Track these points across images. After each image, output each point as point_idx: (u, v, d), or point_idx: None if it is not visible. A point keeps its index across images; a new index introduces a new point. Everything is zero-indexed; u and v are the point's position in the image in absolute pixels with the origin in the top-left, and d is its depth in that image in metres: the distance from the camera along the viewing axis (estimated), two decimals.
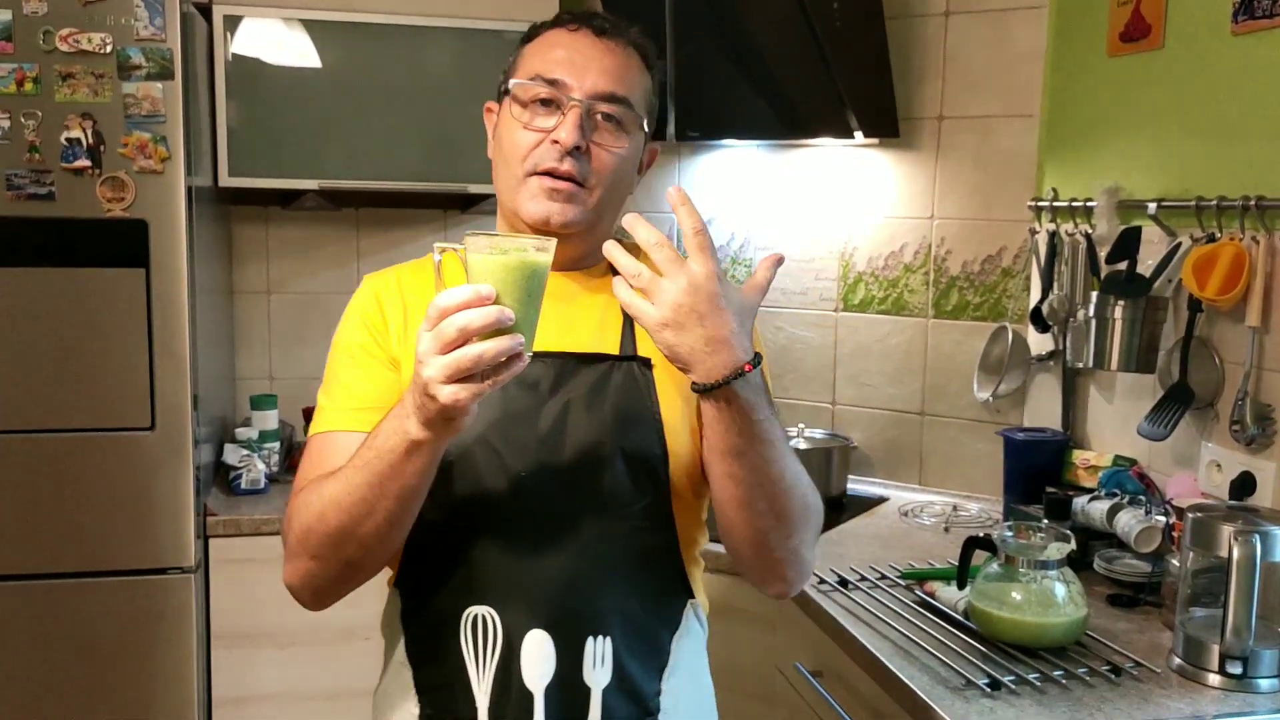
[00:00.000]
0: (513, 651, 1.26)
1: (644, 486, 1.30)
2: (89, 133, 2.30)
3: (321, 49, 2.75)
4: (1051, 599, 1.75)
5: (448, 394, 1.03)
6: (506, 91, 1.36)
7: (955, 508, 2.69)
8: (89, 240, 2.33)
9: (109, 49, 2.29)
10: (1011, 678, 1.66)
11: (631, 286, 1.12)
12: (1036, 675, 1.67)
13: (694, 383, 1.14)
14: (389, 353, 1.34)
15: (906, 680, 1.68)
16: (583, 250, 1.37)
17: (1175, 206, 2.18)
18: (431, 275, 1.25)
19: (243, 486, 2.69)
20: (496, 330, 1.03)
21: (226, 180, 2.72)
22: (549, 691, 1.26)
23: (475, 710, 1.26)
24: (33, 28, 2.26)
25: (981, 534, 1.88)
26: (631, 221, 1.11)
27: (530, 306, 1.07)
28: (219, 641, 2.57)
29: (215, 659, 2.57)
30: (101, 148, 2.31)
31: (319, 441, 1.32)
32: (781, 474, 1.21)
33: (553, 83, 1.30)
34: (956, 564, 1.90)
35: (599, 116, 1.31)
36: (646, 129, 1.37)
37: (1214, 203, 2.06)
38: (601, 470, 1.28)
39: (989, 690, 1.63)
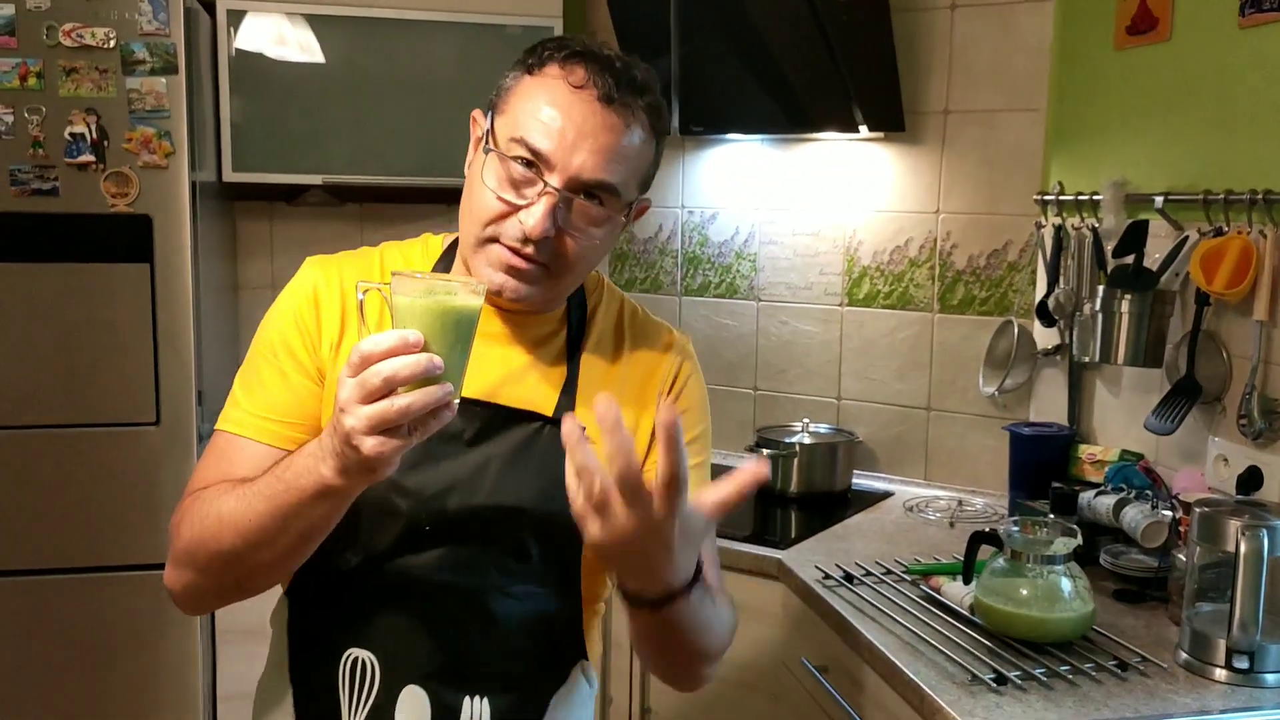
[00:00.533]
0: (388, 701, 1.22)
1: (554, 555, 1.24)
2: (93, 128, 2.30)
3: (325, 44, 2.74)
4: (1058, 594, 1.74)
5: (370, 446, 0.96)
6: (487, 138, 1.22)
7: (961, 503, 2.68)
8: (93, 236, 2.34)
9: (112, 44, 2.29)
10: (1018, 673, 1.65)
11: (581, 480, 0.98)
12: (1043, 670, 1.66)
13: (621, 586, 1.07)
14: (316, 363, 1.25)
15: (912, 675, 1.67)
16: (530, 314, 1.29)
17: (1182, 200, 2.17)
18: (378, 276, 1.23)
19: None
20: (424, 379, 0.97)
21: (230, 175, 2.72)
22: None
23: None
24: (36, 22, 2.26)
25: (987, 529, 1.87)
26: (604, 408, 0.94)
27: (460, 353, 1.02)
28: (224, 637, 2.57)
29: (220, 654, 2.57)
30: (105, 143, 2.31)
31: (224, 441, 1.23)
32: (701, 642, 1.18)
33: (535, 155, 1.17)
34: (962, 559, 1.89)
35: (578, 200, 1.19)
36: (637, 199, 1.26)
37: (1221, 196, 2.05)
38: (512, 533, 1.23)
39: (995, 685, 1.62)
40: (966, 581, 1.88)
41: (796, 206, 2.99)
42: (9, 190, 2.29)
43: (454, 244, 1.35)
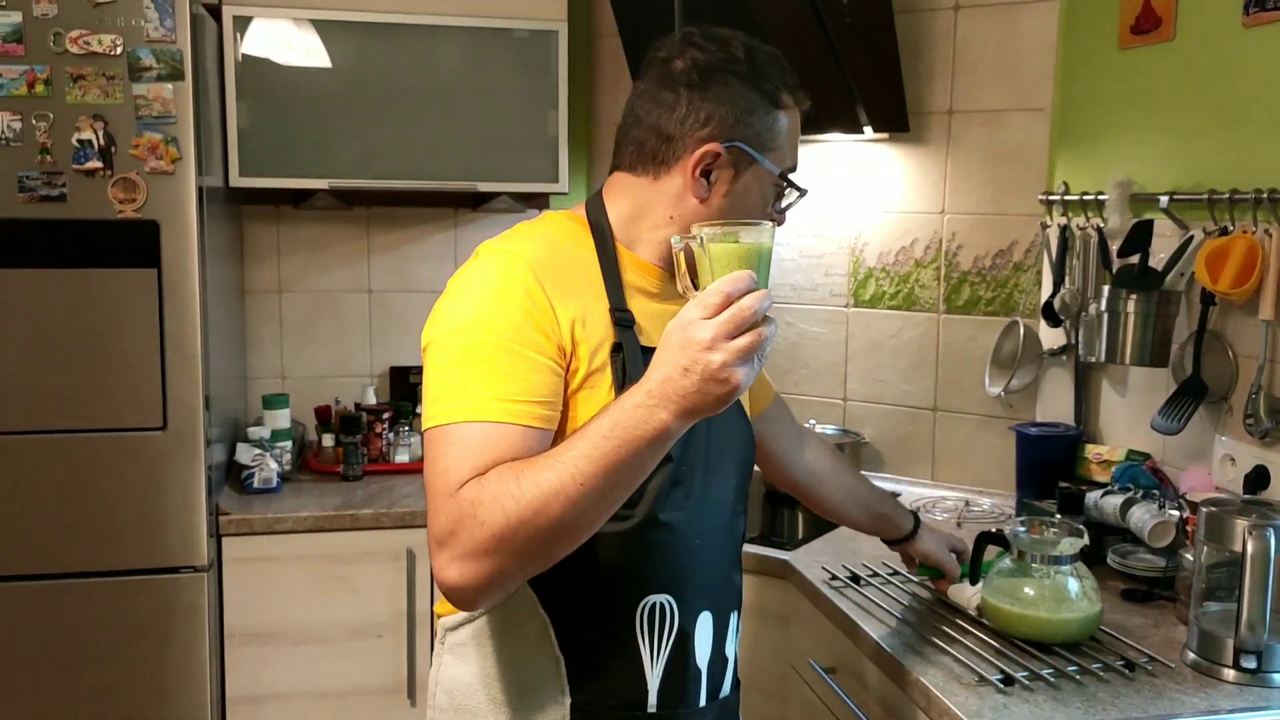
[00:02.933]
0: (687, 635, 1.36)
1: (745, 467, 1.48)
2: (100, 134, 2.31)
3: (331, 49, 2.75)
4: (1065, 594, 1.74)
5: (742, 375, 1.06)
6: (783, 174, 1.42)
7: (968, 503, 2.68)
8: (100, 241, 2.34)
9: (119, 50, 2.30)
10: (1025, 673, 1.65)
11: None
12: (1050, 671, 1.66)
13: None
14: (558, 343, 1.27)
15: (920, 676, 1.68)
16: None
17: (1187, 199, 2.17)
18: (573, 251, 1.36)
19: (255, 485, 2.70)
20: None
21: (237, 180, 2.72)
22: (708, 666, 1.39)
23: (645, 691, 1.33)
24: (43, 29, 2.27)
25: (994, 529, 1.87)
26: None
27: (768, 285, 1.13)
28: (232, 640, 2.58)
29: (228, 658, 2.58)
30: (113, 149, 2.32)
31: (478, 433, 1.21)
32: None
33: (794, 170, 1.44)
34: (969, 560, 1.89)
35: None
36: None
37: (1226, 195, 2.05)
38: (730, 465, 1.43)
39: (1003, 686, 1.62)
40: (973, 582, 1.88)
41: (801, 208, 2.98)
42: (17, 197, 2.30)
43: (594, 219, 1.40)
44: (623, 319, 1.32)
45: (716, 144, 1.34)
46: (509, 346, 1.24)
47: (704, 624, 1.38)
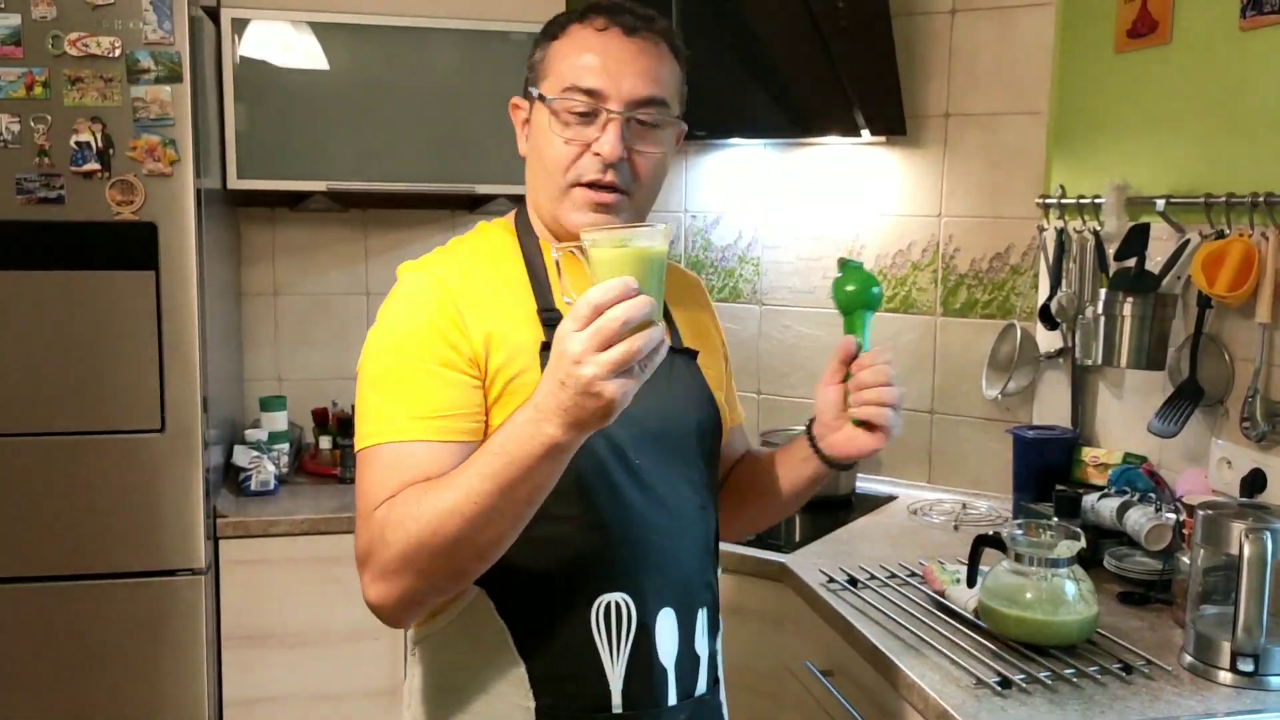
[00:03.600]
0: (647, 633, 1.32)
1: (711, 467, 1.44)
2: (98, 136, 2.31)
3: (329, 51, 2.75)
4: (1062, 597, 1.75)
5: (613, 389, 1.03)
6: (539, 96, 1.34)
7: (964, 506, 2.68)
8: (98, 243, 2.34)
9: (118, 53, 2.30)
10: (1022, 676, 1.66)
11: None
12: (1048, 674, 1.66)
13: (835, 460, 1.47)
14: (467, 358, 1.28)
15: (917, 679, 1.68)
16: None
17: (1184, 203, 2.17)
18: (485, 269, 1.33)
19: (252, 488, 2.70)
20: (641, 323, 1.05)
21: (235, 182, 2.72)
22: (676, 664, 1.35)
23: (609, 691, 1.30)
24: (41, 32, 2.27)
25: (991, 532, 1.87)
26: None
27: (659, 294, 1.10)
28: (229, 643, 2.57)
29: (226, 660, 2.57)
30: (111, 151, 2.32)
31: (391, 453, 1.24)
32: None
33: (589, 93, 1.30)
34: (966, 562, 1.90)
35: (636, 122, 1.32)
36: (679, 117, 1.39)
37: (1223, 199, 2.06)
38: (694, 457, 1.40)
39: (1000, 689, 1.63)
40: (971, 585, 1.88)
41: (799, 210, 3.00)
42: (15, 199, 2.29)
43: (520, 222, 1.44)
44: (550, 318, 1.31)
45: (515, 98, 1.42)
46: (420, 365, 1.27)
47: (666, 621, 1.34)
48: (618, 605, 1.30)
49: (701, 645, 1.39)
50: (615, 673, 1.30)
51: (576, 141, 1.31)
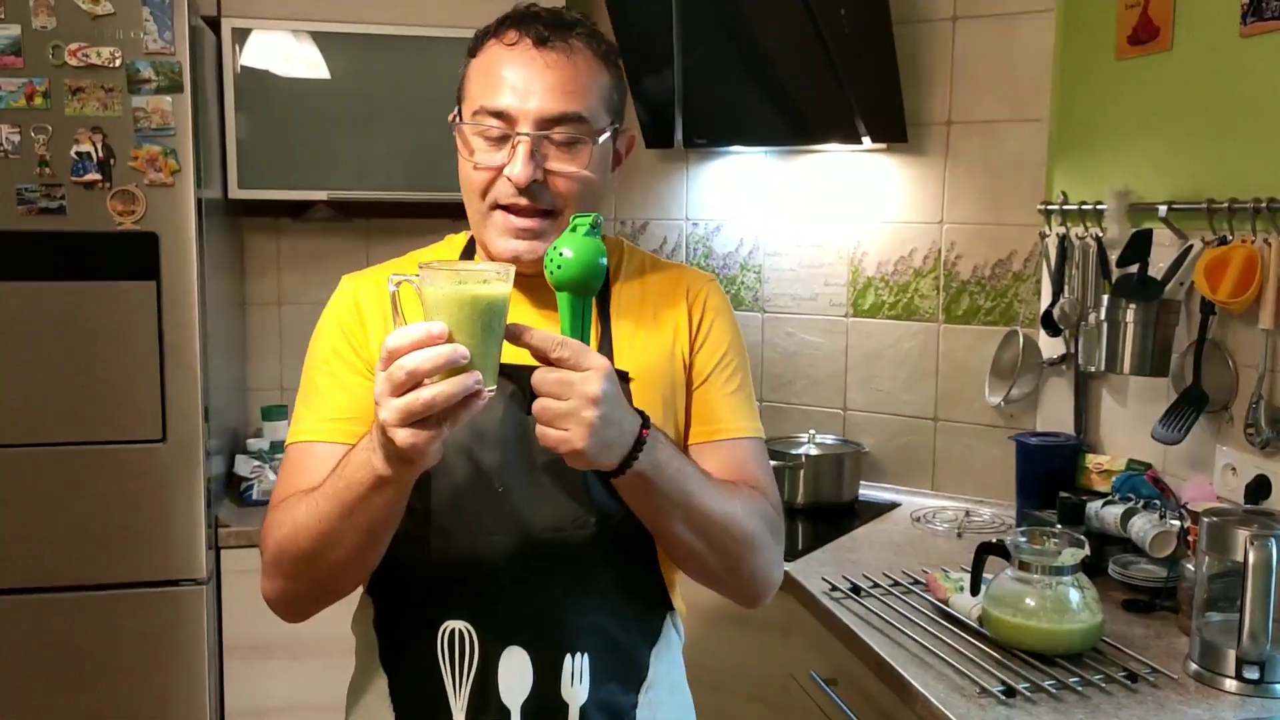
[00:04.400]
0: (489, 667, 1.25)
1: (621, 504, 1.24)
2: (99, 146, 2.31)
3: (329, 60, 2.76)
4: (1066, 605, 1.74)
5: (403, 437, 0.99)
6: (454, 120, 1.32)
7: (968, 513, 2.68)
8: (100, 253, 2.34)
9: (118, 63, 2.30)
10: (1027, 685, 1.65)
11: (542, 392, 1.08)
12: (1052, 682, 1.66)
13: (602, 473, 1.14)
14: (367, 360, 1.30)
15: (921, 688, 1.67)
16: None
17: (1186, 209, 2.17)
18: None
19: (254, 497, 2.69)
20: (453, 369, 0.99)
21: (236, 192, 2.72)
22: (526, 707, 1.25)
23: None
24: (42, 42, 2.27)
25: (995, 540, 1.87)
26: (519, 333, 1.07)
27: (489, 340, 1.03)
28: (231, 653, 2.57)
29: (228, 670, 2.57)
30: (112, 161, 2.32)
31: (295, 452, 1.29)
32: (709, 518, 1.21)
33: (497, 115, 1.25)
34: (970, 570, 1.89)
35: (551, 140, 1.26)
36: (613, 127, 1.31)
37: (1225, 205, 2.05)
38: (582, 484, 1.26)
39: (1004, 698, 1.62)
40: (974, 593, 1.88)
41: (801, 218, 3.00)
42: (16, 209, 2.30)
43: (473, 240, 1.43)
44: None
45: (451, 114, 1.37)
46: (324, 368, 1.32)
47: (513, 660, 1.25)
48: (461, 634, 1.25)
49: (574, 694, 1.26)
50: (458, 703, 1.25)
51: (486, 166, 1.27)
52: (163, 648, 2.45)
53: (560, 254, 1.11)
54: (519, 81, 1.24)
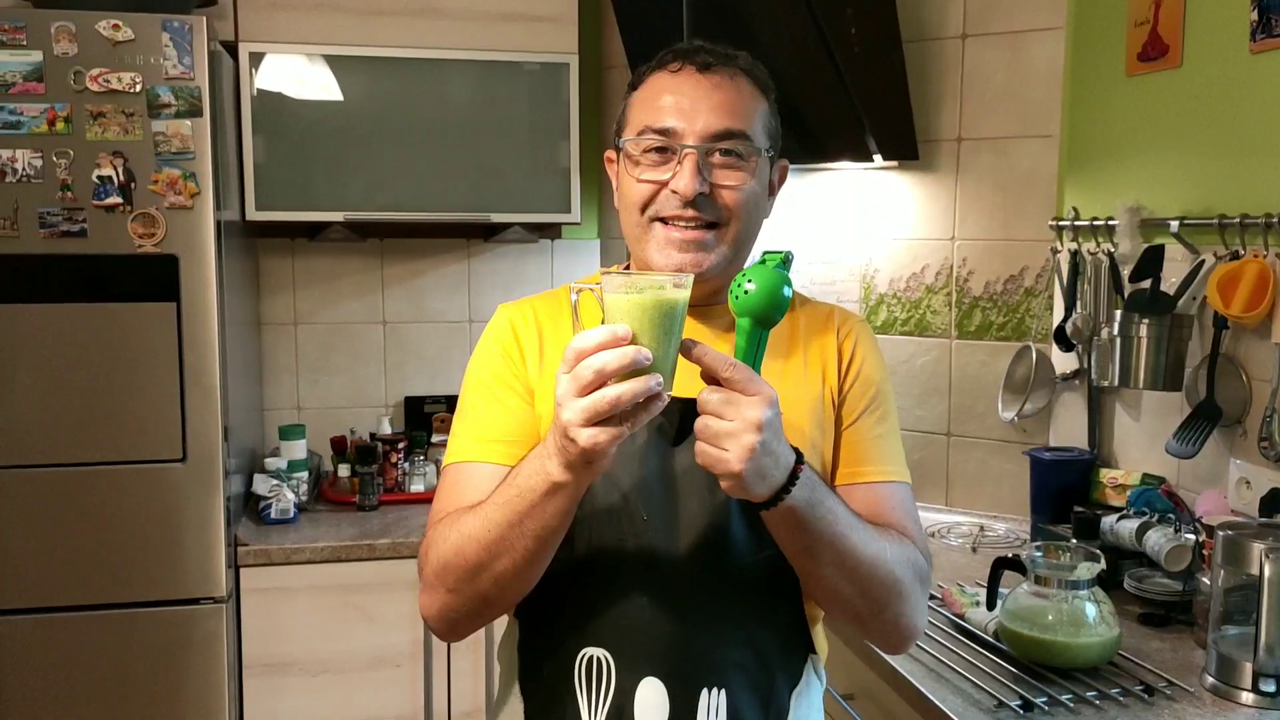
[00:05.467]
0: (626, 697, 1.24)
1: (768, 537, 1.21)
2: (120, 170, 2.34)
3: (344, 83, 2.79)
4: (1083, 619, 1.74)
5: (586, 437, 1.01)
6: (618, 144, 1.35)
7: (982, 528, 2.68)
8: (121, 276, 2.37)
9: (138, 88, 2.34)
10: (1044, 699, 1.65)
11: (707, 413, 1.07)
12: (1069, 696, 1.66)
13: (752, 504, 1.12)
14: (525, 383, 1.32)
15: (938, 702, 1.68)
16: (718, 285, 1.32)
17: (1198, 224, 2.18)
18: (567, 310, 1.26)
19: (273, 516, 2.71)
20: (634, 371, 1.02)
21: (254, 214, 2.75)
22: None
23: None
24: (63, 68, 2.31)
25: (1010, 554, 1.87)
26: (692, 348, 1.08)
27: (668, 345, 1.06)
28: (250, 671, 2.58)
29: (247, 688, 2.58)
30: (132, 185, 2.35)
31: (453, 472, 1.31)
32: (858, 560, 1.19)
33: (663, 132, 1.28)
34: (985, 585, 1.90)
35: (716, 155, 1.28)
36: (772, 152, 1.34)
37: (1237, 220, 2.06)
38: (727, 520, 1.26)
39: (1022, 712, 1.63)
40: (990, 607, 1.88)
41: (813, 235, 3.01)
42: (38, 232, 2.33)
43: (627, 267, 1.43)
44: None
45: (608, 151, 1.40)
46: (484, 391, 1.33)
47: (649, 691, 1.24)
48: (599, 661, 1.25)
49: None
50: None
51: (650, 180, 1.29)
52: (182, 665, 2.46)
53: (746, 282, 1.13)
54: (685, 103, 1.29)
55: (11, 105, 2.30)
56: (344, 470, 2.97)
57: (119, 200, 2.35)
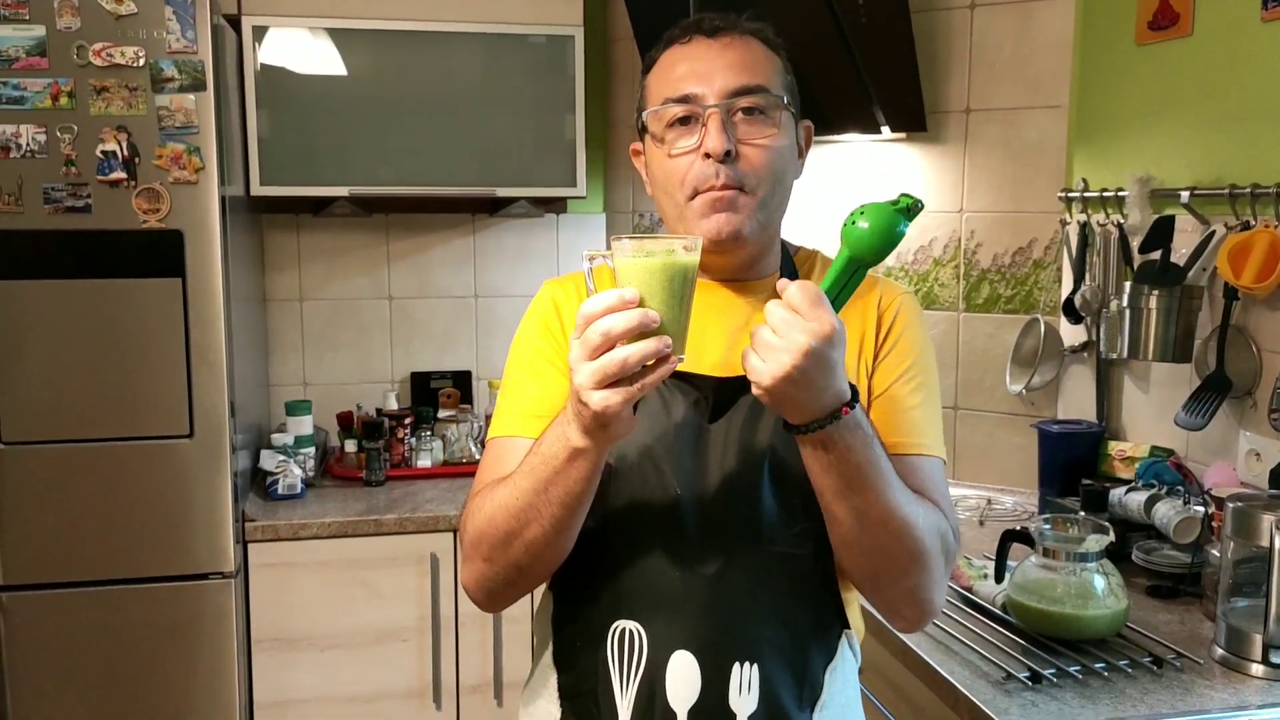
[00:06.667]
0: (658, 670, 1.24)
1: (801, 512, 1.23)
2: (124, 145, 2.33)
3: (348, 57, 2.77)
4: (1091, 591, 1.74)
5: (598, 400, 1.03)
6: (644, 129, 1.33)
7: (990, 501, 2.68)
8: (126, 251, 2.36)
9: (142, 62, 2.32)
10: (1052, 670, 1.65)
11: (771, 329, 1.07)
12: (1078, 668, 1.66)
13: (787, 422, 1.11)
14: (564, 358, 1.27)
15: (947, 675, 1.68)
16: (754, 253, 1.33)
17: (1208, 194, 2.16)
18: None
19: (279, 492, 2.72)
20: (644, 333, 1.02)
21: (258, 189, 2.75)
22: (693, 713, 1.23)
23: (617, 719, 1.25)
24: (66, 43, 2.29)
25: (1018, 527, 1.87)
26: (781, 286, 1.08)
27: (678, 308, 1.06)
28: (259, 646, 2.59)
29: (256, 663, 2.60)
30: (136, 160, 2.34)
31: (496, 445, 1.33)
32: (888, 517, 1.16)
33: (683, 99, 1.27)
34: (994, 558, 1.89)
35: (739, 114, 1.27)
36: (793, 108, 1.32)
37: (1248, 190, 2.05)
38: (759, 494, 1.25)
39: (1030, 683, 1.63)
40: (998, 580, 1.88)
41: (820, 208, 2.99)
42: (43, 208, 2.32)
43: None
44: None
45: (634, 144, 1.39)
46: (526, 366, 1.35)
47: (680, 664, 1.23)
48: (631, 634, 1.25)
49: (742, 704, 1.23)
50: (624, 703, 1.25)
51: (682, 151, 1.27)
52: (191, 640, 2.47)
53: (861, 216, 1.12)
54: (699, 66, 1.28)
55: (15, 80, 2.29)
56: (350, 446, 2.98)
57: (123, 175, 2.34)
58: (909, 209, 1.12)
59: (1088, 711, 1.55)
